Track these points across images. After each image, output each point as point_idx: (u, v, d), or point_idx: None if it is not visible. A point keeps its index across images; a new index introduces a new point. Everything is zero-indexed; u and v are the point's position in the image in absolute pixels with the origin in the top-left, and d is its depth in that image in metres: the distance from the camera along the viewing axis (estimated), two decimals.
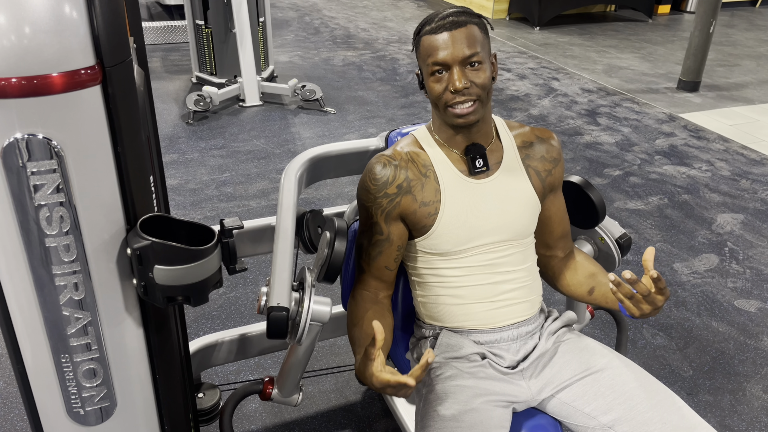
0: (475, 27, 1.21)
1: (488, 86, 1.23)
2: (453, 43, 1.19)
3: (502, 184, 1.31)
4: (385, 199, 1.27)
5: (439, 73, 1.22)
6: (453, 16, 1.21)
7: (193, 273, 0.92)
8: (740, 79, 5.57)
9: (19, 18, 0.74)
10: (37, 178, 0.81)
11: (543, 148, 1.36)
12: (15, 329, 0.94)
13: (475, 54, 1.20)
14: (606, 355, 1.31)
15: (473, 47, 1.20)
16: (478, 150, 1.29)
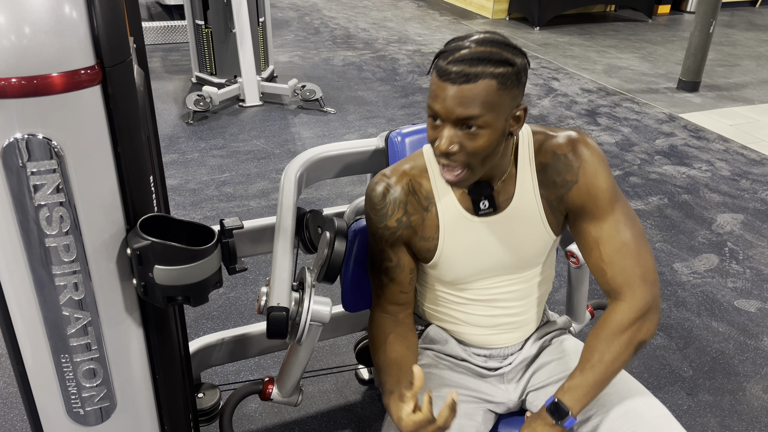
0: (490, 82, 0.99)
1: (485, 154, 1.04)
2: (451, 98, 0.99)
3: (510, 222, 1.18)
4: (386, 231, 1.22)
5: (435, 119, 1.05)
6: (467, 64, 0.98)
7: (193, 273, 0.92)
8: (740, 79, 5.57)
9: (19, 18, 0.74)
10: (37, 178, 0.81)
11: (557, 169, 1.14)
12: (15, 329, 0.94)
13: (474, 118, 1.00)
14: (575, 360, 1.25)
15: (474, 109, 0.99)
16: (482, 191, 1.14)
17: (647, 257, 1.13)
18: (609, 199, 1.13)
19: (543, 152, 1.16)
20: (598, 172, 1.13)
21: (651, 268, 1.13)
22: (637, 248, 1.12)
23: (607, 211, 1.13)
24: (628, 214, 1.14)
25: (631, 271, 1.12)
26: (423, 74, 5.37)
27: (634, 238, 1.13)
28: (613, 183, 1.14)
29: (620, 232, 1.12)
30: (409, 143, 1.46)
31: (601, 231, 1.13)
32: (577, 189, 1.14)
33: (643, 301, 1.12)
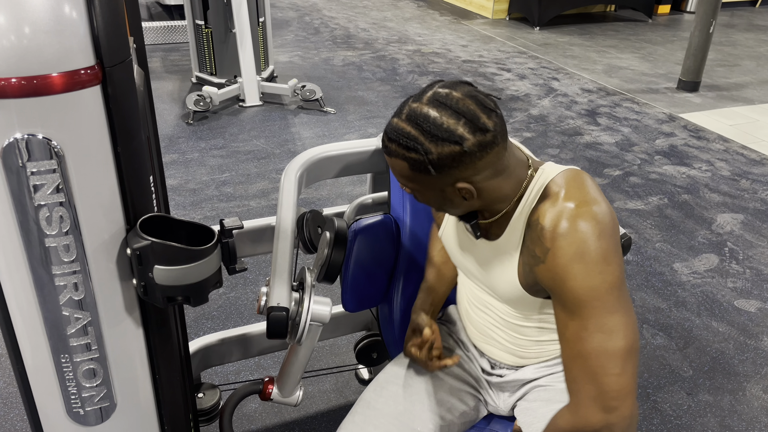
0: (402, 163, 0.99)
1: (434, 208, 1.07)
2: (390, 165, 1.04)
3: (493, 255, 1.13)
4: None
5: None
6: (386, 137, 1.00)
7: (192, 273, 0.92)
8: (740, 79, 5.57)
9: (19, 18, 0.74)
10: (37, 178, 0.81)
11: (532, 236, 1.03)
12: (15, 329, 0.94)
13: (403, 184, 1.04)
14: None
15: (399, 178, 1.03)
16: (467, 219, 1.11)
17: (611, 379, 0.92)
18: (578, 301, 0.95)
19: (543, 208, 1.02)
20: (569, 268, 0.94)
21: (612, 392, 0.92)
22: (594, 366, 0.93)
23: (573, 311, 0.96)
24: (602, 324, 0.93)
25: (582, 386, 0.95)
26: (423, 74, 5.37)
27: (597, 354, 0.93)
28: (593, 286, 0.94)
29: (582, 341, 0.94)
30: None
31: (566, 328, 0.97)
32: (543, 269, 1.00)
33: (585, 421, 0.95)
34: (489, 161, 0.98)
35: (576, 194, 0.99)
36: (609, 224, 0.96)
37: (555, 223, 0.98)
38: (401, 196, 1.46)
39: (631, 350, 0.94)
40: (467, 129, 0.94)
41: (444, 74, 5.37)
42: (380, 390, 1.31)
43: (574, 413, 0.97)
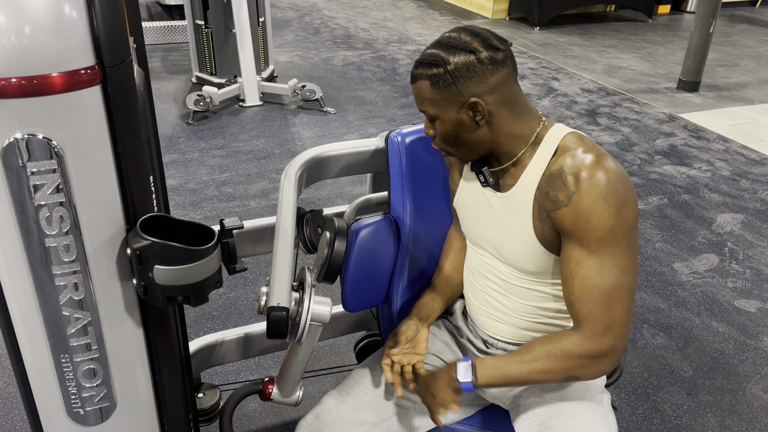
0: (424, 83, 1.12)
1: (451, 139, 1.15)
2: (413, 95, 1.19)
3: (504, 208, 1.20)
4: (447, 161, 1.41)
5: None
6: (413, 68, 1.17)
7: (193, 273, 0.92)
8: (740, 79, 5.57)
9: (19, 18, 0.74)
10: (37, 178, 0.81)
11: (554, 183, 1.10)
12: (15, 329, 0.94)
13: (424, 110, 1.16)
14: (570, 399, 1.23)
15: (422, 103, 1.15)
16: (478, 167, 1.21)
17: (620, 311, 1.07)
18: (599, 239, 1.06)
19: (558, 161, 1.12)
20: (594, 206, 1.05)
21: (621, 323, 1.08)
22: (610, 297, 1.07)
23: (594, 248, 1.07)
24: (618, 262, 1.06)
25: (598, 315, 1.08)
26: None
27: (613, 287, 1.06)
28: (615, 225, 1.05)
29: (601, 275, 1.07)
30: (409, 143, 1.46)
31: (581, 266, 1.08)
32: (566, 213, 1.08)
33: (597, 346, 1.08)
34: (500, 81, 1.09)
35: (592, 149, 1.10)
36: (624, 175, 1.08)
37: (578, 169, 1.07)
38: (401, 196, 1.46)
39: (634, 288, 1.10)
40: (481, 44, 1.09)
41: None
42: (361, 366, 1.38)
43: (587, 338, 1.09)
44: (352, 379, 1.35)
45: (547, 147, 1.14)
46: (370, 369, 1.36)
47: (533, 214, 1.14)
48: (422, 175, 1.46)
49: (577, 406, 1.22)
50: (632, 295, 1.09)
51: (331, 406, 1.29)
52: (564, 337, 1.12)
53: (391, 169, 1.47)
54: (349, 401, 1.29)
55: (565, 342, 1.11)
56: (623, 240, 1.06)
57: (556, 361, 1.11)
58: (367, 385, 1.32)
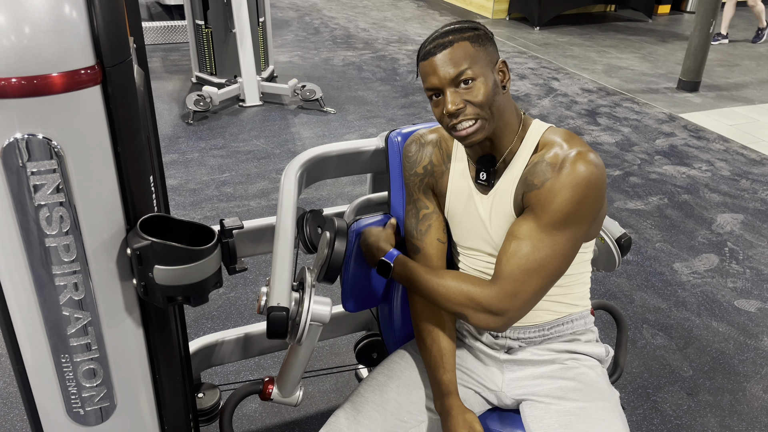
0: (463, 43, 1.14)
1: (488, 102, 1.14)
2: (439, 66, 1.14)
3: (492, 204, 1.25)
4: (416, 177, 1.35)
5: (436, 96, 1.17)
6: (440, 38, 1.15)
7: (192, 273, 0.92)
8: (740, 79, 5.57)
9: (19, 18, 0.74)
10: (37, 178, 0.81)
11: (534, 171, 1.17)
12: (15, 329, 0.94)
13: (463, 71, 1.13)
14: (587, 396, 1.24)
15: (460, 65, 1.13)
16: (486, 164, 1.23)
17: (534, 285, 1.15)
18: (551, 220, 1.13)
19: (541, 154, 1.18)
20: (562, 192, 1.11)
21: (528, 296, 1.15)
22: (531, 270, 1.14)
23: (541, 226, 1.14)
24: (555, 245, 1.13)
25: (513, 280, 1.15)
26: None
27: (539, 263, 1.14)
28: (572, 212, 1.12)
29: (535, 250, 1.14)
30: None
31: (523, 234, 1.15)
32: (535, 193, 1.15)
33: (498, 303, 1.16)
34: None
35: (576, 143, 1.16)
36: (600, 174, 1.13)
37: (559, 160, 1.13)
38: (401, 196, 1.46)
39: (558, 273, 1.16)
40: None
41: None
42: (371, 380, 1.34)
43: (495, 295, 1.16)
44: (362, 396, 1.30)
45: (529, 143, 1.21)
46: (379, 385, 1.32)
47: (512, 199, 1.21)
48: None
49: (602, 408, 1.22)
50: (552, 278, 1.16)
51: (343, 427, 1.25)
52: (477, 284, 1.19)
53: (391, 169, 1.47)
54: (362, 420, 1.25)
55: (476, 288, 1.19)
56: (571, 229, 1.14)
57: (458, 297, 1.20)
58: (378, 402, 1.28)
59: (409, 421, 1.27)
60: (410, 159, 1.36)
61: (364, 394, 1.31)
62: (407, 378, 1.33)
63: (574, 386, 1.26)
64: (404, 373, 1.34)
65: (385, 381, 1.33)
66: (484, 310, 1.17)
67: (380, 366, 1.39)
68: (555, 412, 1.22)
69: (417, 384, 1.32)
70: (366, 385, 1.34)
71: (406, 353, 1.39)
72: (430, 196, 1.35)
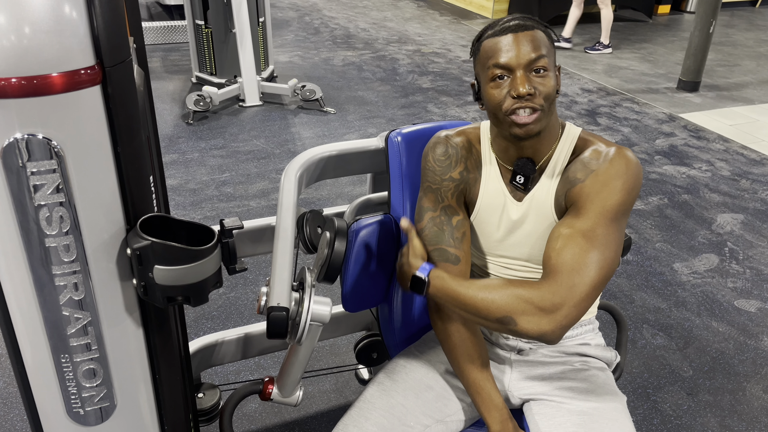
0: (541, 33, 1.13)
1: (552, 96, 1.12)
2: (518, 45, 1.09)
3: (529, 208, 1.22)
4: (451, 183, 1.26)
5: (501, 78, 1.11)
6: (519, 20, 1.12)
7: (192, 273, 0.92)
8: (740, 79, 5.57)
9: (19, 18, 0.74)
10: (37, 178, 0.81)
11: (575, 166, 1.16)
12: (15, 329, 0.94)
13: (542, 57, 1.10)
14: (599, 397, 1.24)
15: (540, 50, 1.10)
16: (525, 169, 1.19)
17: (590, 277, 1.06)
18: (602, 210, 1.09)
19: (577, 153, 1.19)
20: (609, 182, 1.10)
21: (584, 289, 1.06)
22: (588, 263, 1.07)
23: (591, 218, 1.10)
24: (608, 236, 1.09)
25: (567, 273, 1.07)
26: (423, 74, 5.36)
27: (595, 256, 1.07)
28: (618, 204, 1.10)
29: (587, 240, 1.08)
30: (409, 143, 1.46)
31: (573, 227, 1.10)
32: (581, 187, 1.13)
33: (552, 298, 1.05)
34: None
35: (610, 143, 1.18)
36: (640, 167, 1.15)
37: (599, 155, 1.15)
38: (401, 196, 1.46)
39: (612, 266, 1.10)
40: None
41: (444, 74, 5.37)
42: (376, 385, 1.33)
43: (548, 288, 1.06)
44: (368, 401, 1.29)
45: (566, 147, 1.20)
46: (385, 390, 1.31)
47: (553, 201, 1.19)
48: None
49: (614, 409, 1.23)
50: (607, 272, 1.08)
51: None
52: (528, 284, 1.09)
53: (391, 169, 1.47)
54: (369, 427, 1.23)
55: (526, 288, 1.08)
56: (620, 220, 1.11)
57: (506, 300, 1.07)
58: (384, 407, 1.27)
59: (415, 426, 1.25)
60: (441, 163, 1.27)
61: (370, 400, 1.29)
62: (413, 382, 1.32)
63: (585, 387, 1.26)
64: (410, 377, 1.33)
65: (390, 385, 1.31)
66: (536, 310, 1.05)
67: (385, 370, 1.37)
68: (567, 411, 1.22)
69: (423, 387, 1.31)
70: (371, 390, 1.32)
71: (411, 356, 1.38)
72: (461, 203, 1.29)
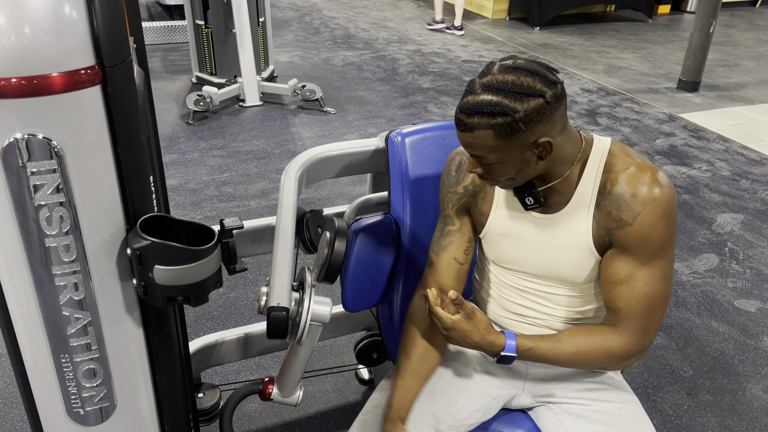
0: (486, 132, 1.05)
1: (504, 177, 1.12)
2: (462, 141, 1.10)
3: (557, 228, 1.19)
4: (454, 195, 1.31)
5: None
6: (465, 115, 1.06)
7: (192, 273, 0.92)
8: (740, 79, 5.57)
9: (19, 18, 0.74)
10: (37, 178, 0.81)
11: (617, 203, 1.13)
12: (15, 329, 0.94)
13: (481, 157, 1.10)
14: (618, 397, 1.27)
15: (478, 151, 1.09)
16: (525, 190, 1.18)
17: (660, 315, 1.16)
18: (655, 251, 1.12)
19: (612, 177, 1.14)
20: (657, 224, 1.11)
21: (656, 326, 1.17)
22: (655, 304, 1.15)
23: (647, 261, 1.13)
24: (665, 272, 1.14)
25: (642, 319, 1.15)
26: (423, 74, 5.36)
27: (659, 295, 1.14)
28: (668, 238, 1.13)
29: (649, 285, 1.14)
30: (410, 143, 1.46)
31: (632, 276, 1.14)
32: (629, 231, 1.12)
33: (636, 346, 1.16)
34: (561, 114, 1.08)
35: (644, 164, 1.14)
36: (673, 188, 1.13)
37: (639, 189, 1.11)
38: (401, 196, 1.46)
39: (669, 297, 1.17)
40: (543, 83, 1.05)
41: (444, 74, 5.37)
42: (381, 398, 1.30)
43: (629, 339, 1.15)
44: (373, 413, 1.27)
45: (595, 161, 1.17)
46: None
47: (592, 230, 1.17)
48: (422, 175, 1.46)
49: (636, 409, 1.25)
50: (668, 302, 1.18)
51: None
52: (607, 334, 1.17)
53: (391, 169, 1.47)
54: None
55: (609, 340, 1.16)
56: (671, 250, 1.15)
57: (597, 356, 1.16)
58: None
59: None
60: (451, 177, 1.31)
61: (375, 412, 1.27)
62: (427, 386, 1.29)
63: (604, 388, 1.28)
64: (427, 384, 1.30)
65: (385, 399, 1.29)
66: (623, 358, 1.17)
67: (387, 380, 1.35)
68: (593, 412, 1.24)
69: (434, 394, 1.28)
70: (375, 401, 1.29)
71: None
72: (461, 215, 1.31)
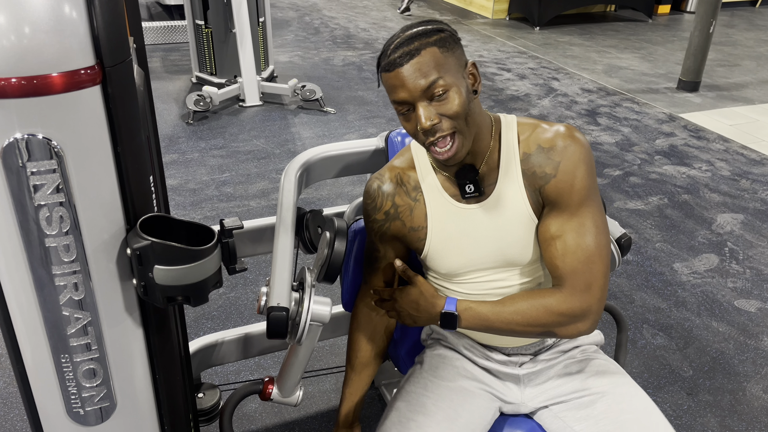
0: (431, 49, 1.05)
1: (463, 113, 1.07)
2: (407, 79, 1.05)
3: (496, 209, 1.18)
4: (375, 223, 1.27)
5: (407, 111, 1.09)
6: (404, 45, 1.05)
7: (192, 273, 0.92)
8: (740, 79, 5.57)
9: (19, 18, 0.74)
10: (37, 178, 0.81)
11: (538, 161, 1.15)
12: (15, 329, 0.94)
13: (435, 82, 1.04)
14: (613, 380, 1.25)
15: (430, 75, 1.04)
16: (468, 175, 1.16)
17: (600, 269, 1.13)
18: (580, 200, 1.13)
19: (528, 142, 1.16)
20: (576, 170, 1.12)
21: (600, 282, 1.13)
22: (591, 256, 1.12)
23: (574, 211, 1.13)
24: (596, 221, 1.13)
25: (580, 274, 1.12)
26: None
27: (594, 246, 1.12)
28: (591, 186, 1.13)
29: (581, 236, 1.13)
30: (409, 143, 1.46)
31: (563, 229, 1.14)
32: (555, 183, 1.13)
33: (579, 303, 1.13)
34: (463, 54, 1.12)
35: (548, 122, 1.18)
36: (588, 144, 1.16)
37: (557, 140, 1.13)
38: None
39: (607, 248, 1.15)
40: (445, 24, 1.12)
41: None
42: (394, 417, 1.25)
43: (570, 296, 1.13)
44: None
45: (509, 134, 1.18)
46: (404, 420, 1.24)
47: (527, 198, 1.17)
48: None
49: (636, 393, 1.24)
50: (607, 252, 1.14)
51: None
52: (548, 294, 1.15)
53: None
54: None
55: (549, 299, 1.14)
56: (596, 199, 1.15)
57: (538, 315, 1.14)
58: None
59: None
60: (369, 205, 1.27)
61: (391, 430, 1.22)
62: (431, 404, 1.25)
63: (596, 378, 1.26)
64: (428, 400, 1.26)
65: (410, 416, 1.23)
66: (569, 320, 1.13)
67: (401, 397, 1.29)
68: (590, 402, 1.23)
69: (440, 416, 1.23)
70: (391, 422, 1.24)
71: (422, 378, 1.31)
72: (385, 242, 1.28)
